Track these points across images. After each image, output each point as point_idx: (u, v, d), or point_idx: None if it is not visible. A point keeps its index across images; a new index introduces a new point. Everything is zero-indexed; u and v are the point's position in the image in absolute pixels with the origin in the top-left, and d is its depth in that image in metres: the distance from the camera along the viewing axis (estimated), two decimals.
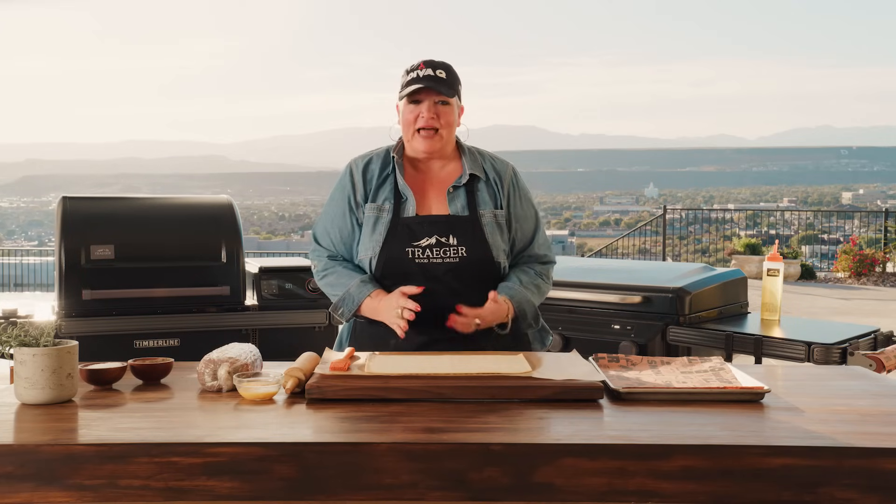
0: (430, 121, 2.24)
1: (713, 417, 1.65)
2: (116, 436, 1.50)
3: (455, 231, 2.27)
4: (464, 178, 2.32)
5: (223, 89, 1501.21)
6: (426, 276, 2.23)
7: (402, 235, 2.26)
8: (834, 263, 12.70)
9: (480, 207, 2.31)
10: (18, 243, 39.84)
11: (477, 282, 2.25)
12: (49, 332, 1.73)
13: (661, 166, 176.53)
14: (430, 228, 2.26)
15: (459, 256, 2.25)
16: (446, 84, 2.25)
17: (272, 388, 1.77)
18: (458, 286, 2.24)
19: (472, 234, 2.27)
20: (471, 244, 2.27)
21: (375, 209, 2.29)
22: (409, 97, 2.25)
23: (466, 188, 2.32)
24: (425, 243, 2.25)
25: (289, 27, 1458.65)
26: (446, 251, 2.25)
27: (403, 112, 2.29)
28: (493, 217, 2.31)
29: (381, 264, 2.26)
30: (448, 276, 2.24)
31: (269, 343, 3.92)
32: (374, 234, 2.28)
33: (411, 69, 2.27)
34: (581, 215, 78.14)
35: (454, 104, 2.29)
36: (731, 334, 3.49)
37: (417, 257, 2.25)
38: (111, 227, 3.87)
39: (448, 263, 2.25)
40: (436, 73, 2.24)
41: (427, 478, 1.45)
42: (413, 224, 2.27)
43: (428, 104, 2.24)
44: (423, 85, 2.22)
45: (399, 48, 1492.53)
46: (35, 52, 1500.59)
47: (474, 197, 2.32)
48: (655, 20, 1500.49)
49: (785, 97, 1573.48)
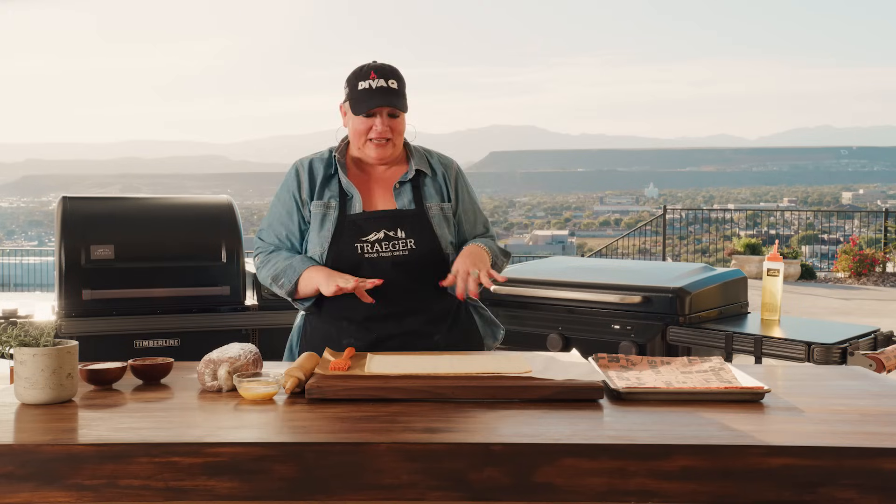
0: (383, 132, 2.25)
1: (713, 417, 1.65)
2: (116, 436, 1.50)
3: (402, 225, 2.28)
4: (409, 173, 2.34)
5: (223, 89, 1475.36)
6: (375, 270, 2.24)
7: (350, 231, 2.27)
8: (834, 263, 12.70)
9: (427, 201, 2.33)
10: (18, 243, 39.84)
11: (426, 275, 2.27)
12: (49, 332, 1.73)
13: (661, 166, 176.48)
14: (378, 223, 2.27)
15: (409, 249, 2.27)
16: (399, 96, 2.25)
17: (272, 388, 1.77)
18: (406, 280, 2.25)
19: (420, 227, 2.29)
20: (419, 236, 2.28)
21: (322, 206, 2.29)
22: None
23: (412, 183, 2.34)
24: (374, 238, 2.26)
25: (289, 27, 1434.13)
26: (395, 244, 2.26)
27: (354, 121, 2.28)
28: (441, 210, 2.33)
29: (331, 260, 2.26)
30: (397, 269, 2.25)
31: (269, 343, 3.91)
32: (322, 230, 2.28)
33: (361, 75, 2.25)
34: (581, 215, 78.16)
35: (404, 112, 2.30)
36: (731, 334, 3.49)
37: (367, 252, 2.25)
38: (111, 227, 3.87)
39: (397, 256, 2.26)
40: (388, 83, 2.23)
41: (427, 478, 1.45)
42: (360, 220, 2.28)
43: (381, 118, 2.24)
44: (380, 103, 2.22)
45: (399, 48, 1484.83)
46: (35, 51, 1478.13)
47: (420, 192, 2.34)
48: (655, 20, 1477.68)
49: (785, 97, 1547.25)
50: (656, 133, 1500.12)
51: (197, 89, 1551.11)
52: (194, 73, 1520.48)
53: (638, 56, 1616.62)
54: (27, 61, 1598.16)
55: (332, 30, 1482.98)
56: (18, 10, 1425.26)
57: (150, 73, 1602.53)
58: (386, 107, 2.23)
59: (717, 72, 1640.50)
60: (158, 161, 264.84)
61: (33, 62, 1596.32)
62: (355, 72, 2.28)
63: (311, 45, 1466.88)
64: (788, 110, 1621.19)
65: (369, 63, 2.28)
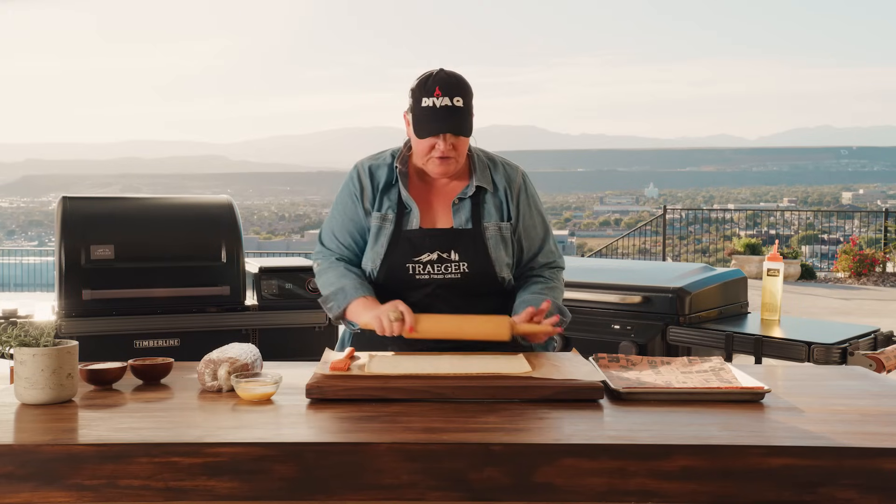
0: (446, 152, 2.14)
1: (713, 417, 1.65)
2: (116, 436, 1.50)
3: (457, 246, 2.20)
4: (470, 189, 2.24)
5: (223, 89, 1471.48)
6: (424, 291, 2.19)
7: (404, 249, 2.20)
8: (834, 263, 12.70)
9: (485, 220, 2.23)
10: (18, 243, 39.85)
11: (478, 298, 2.22)
12: (49, 332, 1.73)
13: (661, 166, 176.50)
14: (432, 243, 2.20)
15: (461, 273, 2.20)
16: (465, 116, 2.13)
17: (269, 389, 1.77)
18: (458, 303, 2.19)
19: (475, 249, 2.21)
20: (473, 259, 2.20)
21: (379, 218, 2.23)
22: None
23: (472, 199, 2.24)
24: (426, 258, 2.19)
25: (289, 27, 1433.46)
26: (447, 267, 2.20)
27: (416, 139, 2.17)
28: (498, 230, 2.24)
29: (382, 277, 2.22)
30: (448, 292, 2.20)
31: (269, 343, 3.92)
32: (377, 245, 2.22)
33: (426, 91, 2.12)
34: (581, 215, 78.12)
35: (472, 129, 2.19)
36: (731, 334, 3.49)
37: (418, 273, 2.20)
38: (111, 227, 3.87)
39: (449, 279, 2.20)
40: (453, 101, 2.10)
41: (427, 478, 1.45)
42: (415, 237, 2.20)
43: (444, 139, 2.13)
44: (442, 128, 2.11)
45: (398, 48, 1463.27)
46: (35, 51, 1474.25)
47: (479, 209, 2.24)
48: (655, 20, 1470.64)
49: (785, 97, 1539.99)
50: (656, 133, 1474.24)
51: (197, 89, 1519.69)
52: (194, 73, 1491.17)
53: (638, 56, 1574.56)
54: (27, 61, 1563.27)
55: (332, 30, 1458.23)
56: (18, 10, 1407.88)
57: (150, 73, 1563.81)
58: (448, 133, 2.12)
59: (717, 72, 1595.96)
60: (158, 161, 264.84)
61: (33, 62, 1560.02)
62: (420, 83, 2.14)
63: (311, 45, 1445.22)
64: (788, 110, 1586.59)
65: (435, 73, 2.14)
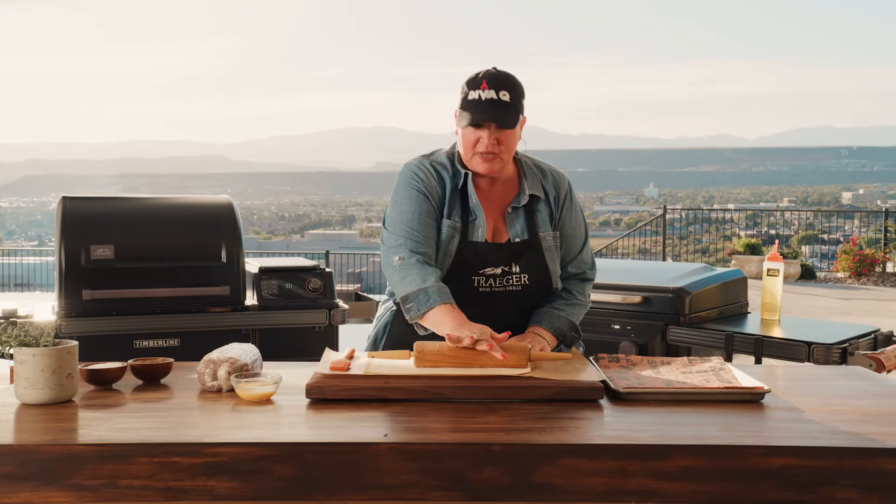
0: (490, 147, 2.12)
1: (713, 417, 1.65)
2: (116, 436, 1.50)
3: (519, 259, 2.20)
4: (523, 198, 2.22)
5: (223, 89, 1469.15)
6: (485, 304, 2.18)
7: (471, 261, 2.18)
8: (834, 263, 12.70)
9: (540, 230, 2.23)
10: (18, 243, 39.84)
11: (534, 308, 2.23)
12: (49, 332, 1.73)
13: (661, 166, 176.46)
14: (497, 257, 2.18)
15: (522, 284, 2.20)
16: (510, 110, 2.11)
17: (269, 389, 1.77)
18: (515, 316, 2.20)
19: (535, 261, 2.21)
20: (533, 271, 2.21)
21: (450, 227, 2.18)
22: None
23: (526, 209, 2.23)
24: (490, 272, 2.18)
25: (289, 27, 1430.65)
26: (509, 279, 2.19)
27: (463, 132, 2.16)
28: (553, 240, 2.24)
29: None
30: (507, 303, 2.20)
31: (269, 343, 3.92)
32: (444, 253, 2.18)
33: (474, 84, 2.12)
34: None
35: (517, 124, 2.16)
36: (731, 334, 3.49)
37: (481, 286, 2.19)
38: (111, 227, 3.86)
39: (510, 292, 2.20)
40: (499, 95, 2.10)
41: (427, 478, 1.45)
42: (483, 251, 2.18)
43: (489, 131, 2.12)
44: (484, 118, 2.10)
45: (399, 48, 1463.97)
46: (35, 51, 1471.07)
47: (534, 218, 2.23)
48: (655, 20, 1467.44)
49: (785, 97, 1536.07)
50: (656, 133, 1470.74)
51: (197, 89, 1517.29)
52: (194, 73, 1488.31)
53: (638, 56, 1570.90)
54: (27, 61, 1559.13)
55: (332, 30, 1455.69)
56: (19, 10, 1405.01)
57: (150, 73, 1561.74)
58: (492, 122, 2.11)
59: (717, 72, 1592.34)
60: (158, 161, 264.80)
61: (33, 62, 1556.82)
62: (470, 79, 2.15)
63: (311, 45, 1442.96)
64: (788, 110, 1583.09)
65: (484, 70, 2.15)
